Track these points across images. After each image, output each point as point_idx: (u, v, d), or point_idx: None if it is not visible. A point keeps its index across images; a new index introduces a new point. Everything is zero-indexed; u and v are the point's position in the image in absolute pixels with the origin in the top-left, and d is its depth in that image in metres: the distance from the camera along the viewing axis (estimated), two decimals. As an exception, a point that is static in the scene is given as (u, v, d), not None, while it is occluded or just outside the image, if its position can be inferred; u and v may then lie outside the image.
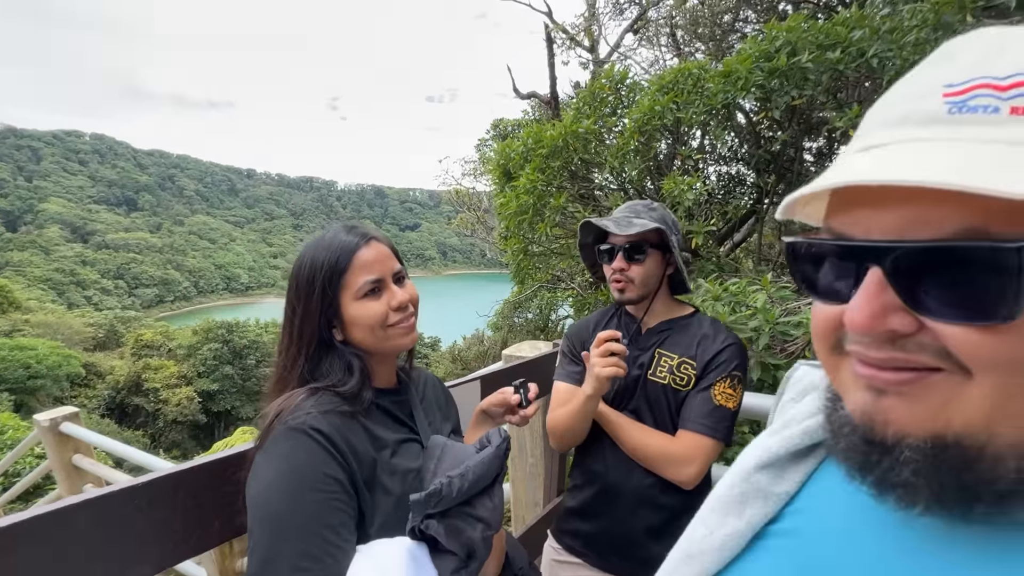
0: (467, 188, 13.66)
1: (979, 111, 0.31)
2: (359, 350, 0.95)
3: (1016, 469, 0.32)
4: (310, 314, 0.90)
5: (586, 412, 1.30)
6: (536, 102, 11.57)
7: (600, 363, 1.22)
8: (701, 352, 1.34)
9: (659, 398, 1.35)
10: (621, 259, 1.35)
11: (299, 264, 0.93)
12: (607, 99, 4.03)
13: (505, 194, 4.08)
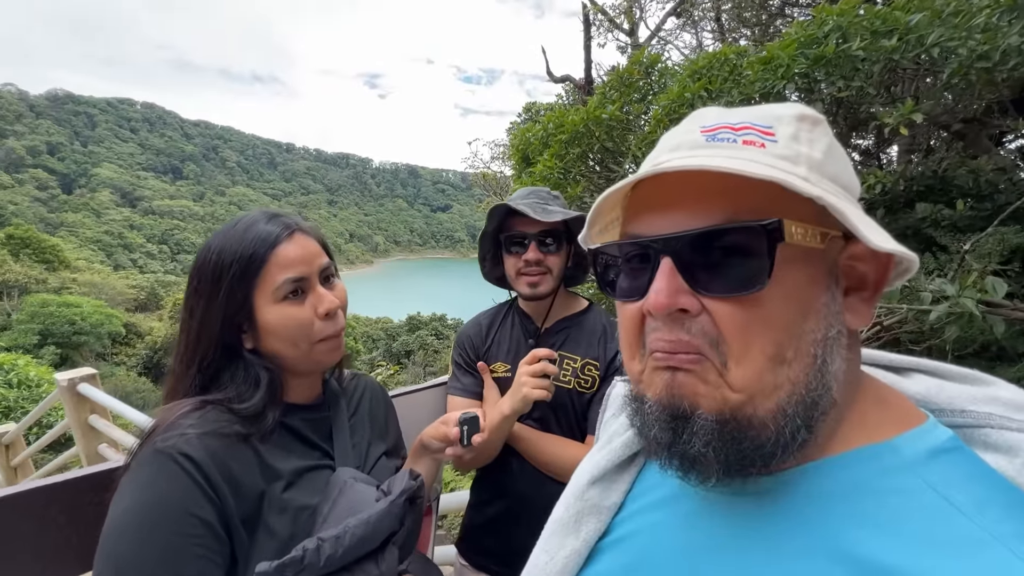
0: (495, 172, 13.50)
1: (724, 141, 0.43)
2: (271, 363, 0.81)
3: (775, 432, 0.40)
4: (212, 316, 0.77)
5: (501, 433, 1.19)
6: (570, 86, 11.25)
7: (531, 383, 1.12)
8: (603, 350, 1.26)
9: (565, 404, 1.25)
10: (535, 249, 1.24)
11: (204, 255, 0.78)
12: (636, 84, 3.79)
13: (522, 180, 3.92)
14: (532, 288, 1.25)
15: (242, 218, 0.81)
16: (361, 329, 33.43)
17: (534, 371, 1.12)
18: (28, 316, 24.52)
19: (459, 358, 1.39)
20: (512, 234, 1.27)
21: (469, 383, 1.35)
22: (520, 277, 1.26)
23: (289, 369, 0.84)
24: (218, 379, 0.79)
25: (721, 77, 3.17)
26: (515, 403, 1.14)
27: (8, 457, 5.34)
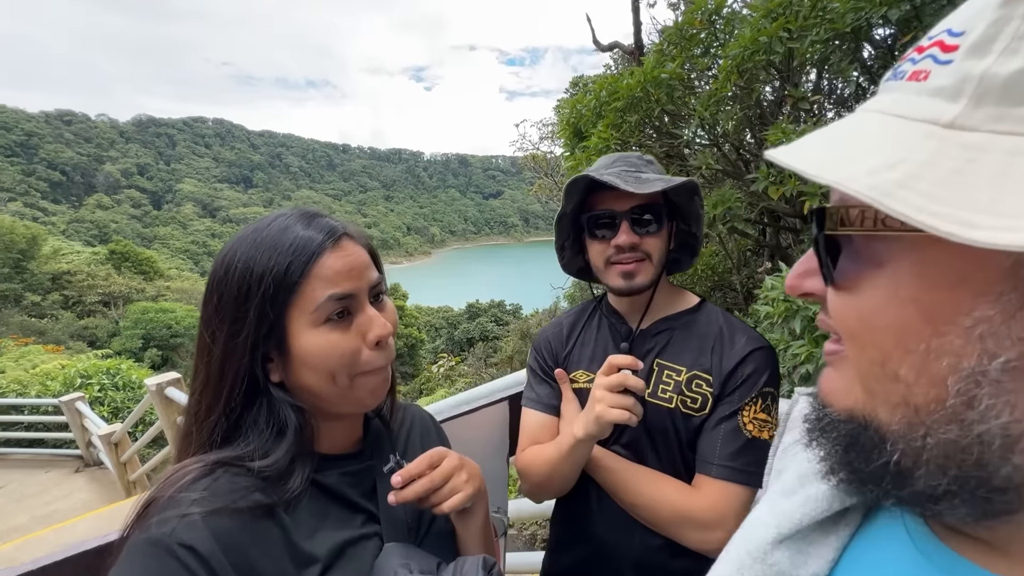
0: (544, 153, 13.13)
1: (891, 79, 0.34)
2: (302, 400, 0.65)
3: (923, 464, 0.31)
4: (238, 344, 0.61)
5: (575, 460, 0.95)
6: (619, 54, 10.62)
7: (608, 400, 0.86)
8: (717, 360, 0.97)
9: (666, 428, 0.97)
10: (628, 230, 0.97)
11: (225, 267, 0.62)
12: (698, 36, 3.37)
13: (575, 156, 3.64)
14: (627, 279, 0.98)
15: (274, 219, 0.64)
16: (424, 319, 34.36)
17: (611, 384, 0.87)
18: (132, 323, 27.37)
19: (535, 363, 1.16)
20: (597, 213, 1.00)
21: (544, 394, 1.11)
22: (610, 267, 1.00)
23: (322, 409, 0.67)
24: (238, 425, 0.63)
25: (802, 14, 2.71)
26: (588, 424, 0.89)
27: (118, 454, 5.86)
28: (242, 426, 0.63)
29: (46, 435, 6.80)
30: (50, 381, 8.07)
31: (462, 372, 7.49)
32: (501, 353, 9.11)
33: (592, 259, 1.04)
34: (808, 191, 2.56)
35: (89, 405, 6.70)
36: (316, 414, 0.66)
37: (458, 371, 7.36)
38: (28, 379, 8.40)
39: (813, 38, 2.72)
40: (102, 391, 7.91)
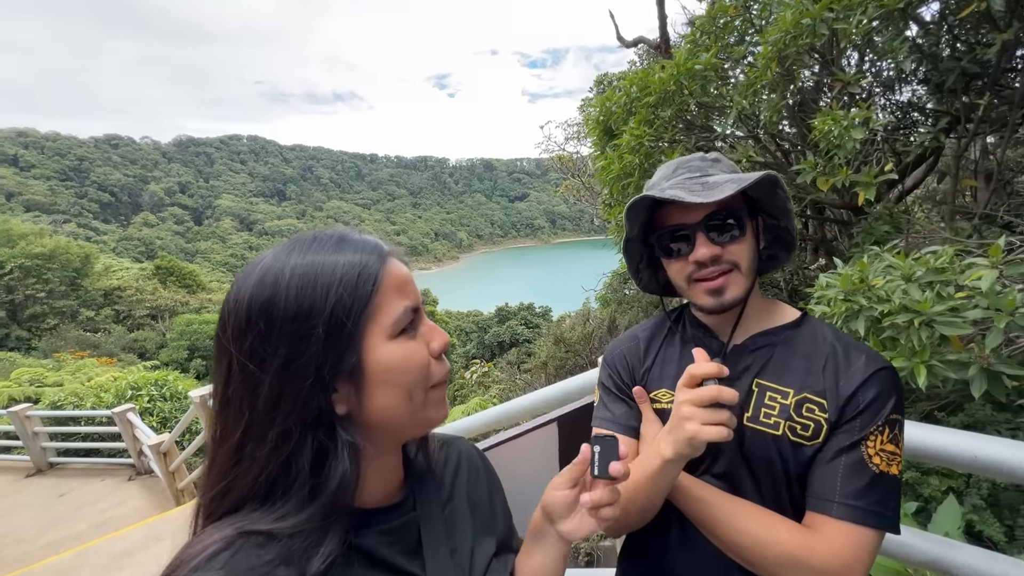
0: (570, 153, 13.00)
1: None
2: (366, 434, 0.57)
3: None
4: (299, 368, 0.52)
5: (661, 485, 0.83)
6: (644, 49, 10.40)
7: (700, 416, 0.74)
8: (832, 382, 0.83)
9: (770, 458, 0.84)
10: (706, 242, 0.85)
11: (271, 287, 0.53)
12: (732, 24, 3.23)
13: (606, 155, 3.54)
14: (716, 296, 0.87)
15: (312, 237, 0.59)
16: (454, 323, 34.57)
17: (701, 398, 0.74)
18: (178, 334, 28.57)
19: (608, 380, 1.04)
20: (667, 230, 0.89)
21: (621, 414, 0.99)
22: (694, 285, 0.89)
23: (385, 439, 0.61)
24: (280, 476, 0.54)
25: (850, -9, 2.54)
26: (676, 444, 0.76)
27: (167, 463, 6.06)
28: (286, 477, 0.53)
29: (101, 445, 7.12)
30: (104, 393, 8.46)
31: (496, 378, 7.46)
32: (535, 358, 9.02)
33: (673, 278, 0.93)
34: (862, 181, 2.39)
35: (140, 416, 6.98)
36: (369, 453, 0.58)
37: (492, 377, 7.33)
38: (84, 391, 8.84)
39: (860, 17, 2.55)
40: (151, 402, 8.23)
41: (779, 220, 0.94)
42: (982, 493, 1.86)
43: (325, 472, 0.53)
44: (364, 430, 0.57)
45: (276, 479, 0.53)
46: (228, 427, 0.54)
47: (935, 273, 1.66)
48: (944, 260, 1.67)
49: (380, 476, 0.63)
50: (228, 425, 0.54)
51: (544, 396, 1.70)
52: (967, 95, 3.11)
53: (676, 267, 0.90)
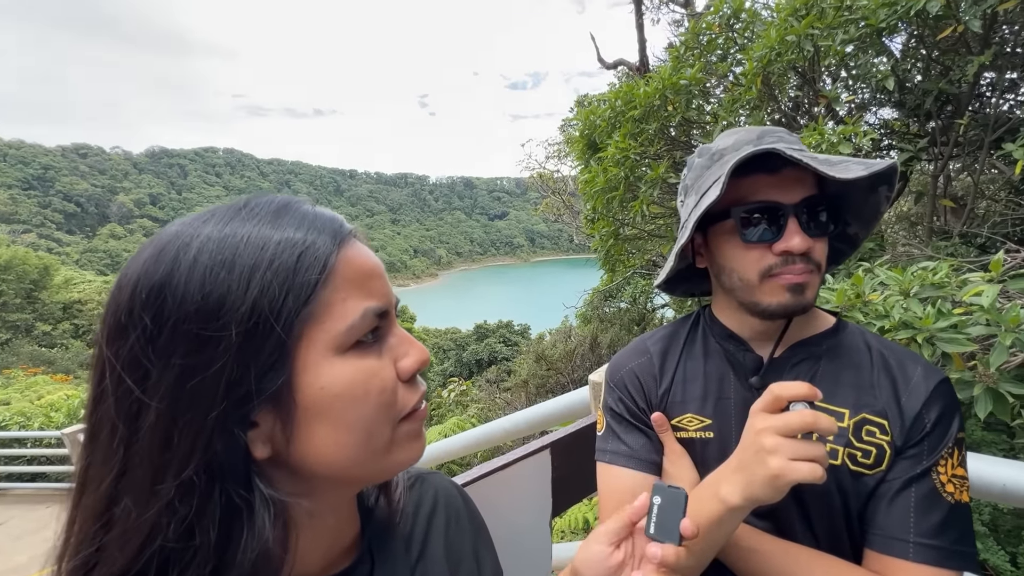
0: (551, 171, 13.10)
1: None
2: (300, 487, 0.41)
3: None
4: (202, 391, 0.35)
5: (716, 539, 0.66)
6: (624, 72, 10.62)
7: (788, 450, 0.58)
8: (891, 398, 0.71)
9: (826, 492, 0.71)
10: (800, 230, 0.69)
11: (166, 269, 0.37)
12: (715, 42, 3.24)
13: (591, 169, 3.48)
14: (797, 295, 0.71)
15: (252, 200, 0.42)
16: (432, 340, 34.09)
17: (790, 426, 0.58)
18: (142, 350, 27.35)
19: (619, 405, 0.86)
20: (755, 205, 0.71)
21: (639, 446, 0.81)
22: (769, 280, 0.72)
23: (330, 491, 0.44)
24: (184, 543, 0.37)
25: (832, 7, 2.57)
26: (751, 486, 0.60)
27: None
28: (182, 552, 0.36)
29: (48, 468, 6.62)
30: (54, 412, 7.92)
31: (474, 397, 7.27)
32: (515, 376, 8.85)
33: (739, 270, 0.75)
34: (849, 196, 2.37)
35: (91, 437, 6.53)
36: (305, 510, 0.41)
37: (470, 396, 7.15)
38: (32, 411, 8.25)
39: (844, 36, 2.57)
40: (106, 422, 7.74)
41: (850, 225, 0.81)
42: (983, 519, 1.79)
43: (237, 543, 0.37)
44: (297, 479, 0.41)
45: (169, 555, 0.36)
46: (94, 470, 0.37)
47: (934, 288, 1.60)
48: (942, 275, 1.63)
49: (322, 538, 0.46)
50: (94, 467, 0.37)
51: (528, 417, 1.57)
52: (941, 118, 3.18)
53: (752, 256, 0.72)
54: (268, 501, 0.37)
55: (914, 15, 2.45)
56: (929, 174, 3.25)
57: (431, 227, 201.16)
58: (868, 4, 2.57)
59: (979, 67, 2.56)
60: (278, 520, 0.38)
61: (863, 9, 2.58)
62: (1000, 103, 3.22)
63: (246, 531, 0.36)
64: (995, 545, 1.74)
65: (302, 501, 0.40)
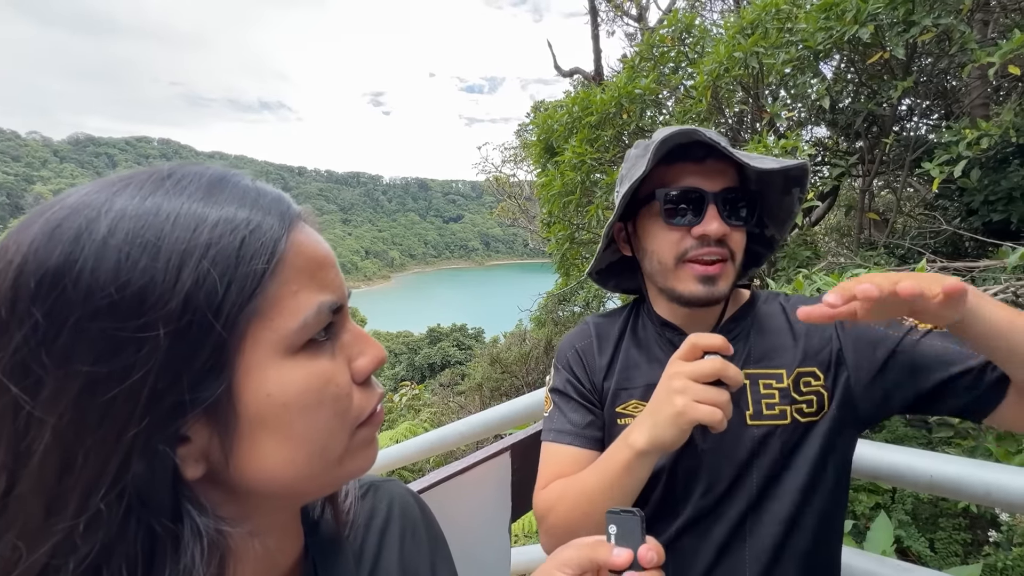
0: (507, 175, 13.16)
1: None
2: (232, 504, 0.35)
3: None
4: (117, 405, 0.28)
5: (629, 485, 0.68)
6: (579, 80, 10.85)
7: (695, 392, 0.61)
8: (808, 342, 0.78)
9: (784, 452, 0.75)
10: (718, 215, 0.74)
11: (53, 263, 0.28)
12: (668, 54, 3.36)
13: (548, 172, 3.51)
14: (708, 285, 0.75)
15: (177, 170, 0.35)
16: (383, 344, 33.18)
17: (702, 371, 0.62)
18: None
19: (564, 385, 0.87)
20: (679, 190, 0.75)
21: (585, 423, 0.83)
22: (683, 266, 0.76)
23: (273, 510, 0.39)
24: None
25: (776, 28, 2.72)
26: (656, 427, 0.63)
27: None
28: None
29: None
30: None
31: (427, 401, 7.15)
32: (469, 380, 8.78)
33: (658, 252, 0.78)
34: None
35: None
36: (241, 533, 0.34)
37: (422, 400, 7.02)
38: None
39: (785, 57, 2.73)
40: None
41: (766, 227, 0.85)
42: (906, 508, 1.93)
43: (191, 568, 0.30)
44: (237, 499, 0.35)
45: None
46: None
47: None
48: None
49: (261, 561, 0.40)
50: None
51: (484, 420, 1.54)
52: (868, 137, 3.44)
53: (672, 238, 0.76)
54: (200, 532, 0.31)
55: (847, 41, 2.64)
56: (858, 189, 3.50)
57: (384, 228, 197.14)
58: (807, 27, 2.74)
59: (902, 91, 2.79)
60: (212, 553, 0.32)
61: (803, 32, 2.74)
62: (919, 126, 3.52)
63: (169, 570, 0.30)
64: (916, 532, 1.89)
65: (241, 526, 0.34)
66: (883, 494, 1.99)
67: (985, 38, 2.71)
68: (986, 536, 1.85)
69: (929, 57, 3.25)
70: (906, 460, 1.01)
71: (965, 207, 3.09)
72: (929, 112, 3.61)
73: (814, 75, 3.14)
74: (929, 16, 2.40)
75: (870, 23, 2.53)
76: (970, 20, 2.56)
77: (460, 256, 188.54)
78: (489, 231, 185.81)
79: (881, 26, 2.70)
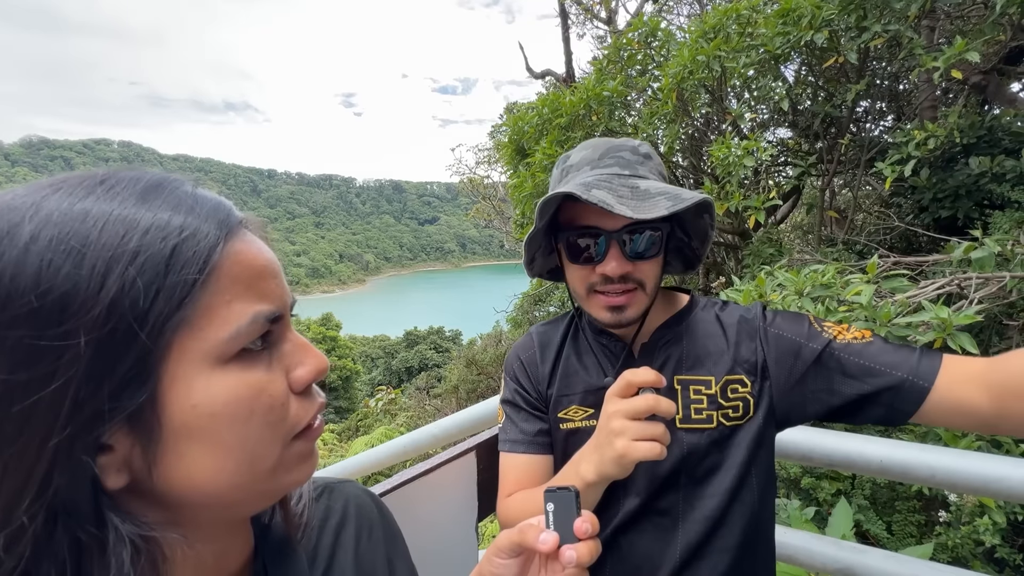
0: (481, 177, 13.15)
1: None
2: (160, 512, 0.34)
3: None
4: (37, 413, 0.28)
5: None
6: (551, 81, 10.93)
7: (633, 431, 0.64)
8: (736, 349, 0.81)
9: (712, 454, 0.79)
10: (620, 256, 0.77)
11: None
12: (635, 57, 3.42)
13: (519, 174, 3.53)
14: (615, 313, 0.79)
15: (112, 175, 0.34)
16: (359, 349, 32.80)
17: (636, 409, 0.64)
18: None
19: (513, 395, 0.91)
20: (579, 230, 0.78)
21: (533, 431, 0.87)
22: (594, 296, 0.80)
23: (208, 520, 0.38)
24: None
25: (737, 33, 2.80)
26: (603, 464, 0.66)
27: None
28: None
29: None
30: None
31: (403, 405, 7.07)
32: (445, 383, 8.73)
33: (571, 283, 0.84)
34: (753, 205, 2.58)
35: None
36: (174, 542, 0.34)
37: (399, 404, 6.94)
38: None
39: (747, 59, 2.81)
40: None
41: (691, 240, 0.88)
42: (865, 493, 2.02)
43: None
44: (164, 509, 0.34)
45: None
46: None
47: (823, 288, 1.79)
48: (829, 277, 1.82)
49: (204, 568, 0.39)
50: None
51: (457, 421, 1.54)
52: (827, 138, 3.58)
53: (579, 273, 0.81)
54: (125, 539, 0.31)
55: (804, 45, 2.74)
56: (818, 188, 3.63)
57: (358, 231, 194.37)
58: (766, 32, 2.83)
59: (856, 94, 2.91)
60: (142, 558, 0.31)
61: (762, 37, 2.83)
62: (873, 128, 3.68)
63: (99, 573, 0.30)
64: (875, 516, 1.97)
65: (171, 532, 0.33)
66: (844, 480, 2.08)
67: (931, 44, 2.85)
68: (937, 517, 1.95)
69: (881, 61, 3.40)
70: (858, 447, 1.06)
71: (917, 204, 3.25)
72: (882, 114, 3.78)
73: (775, 78, 3.25)
74: (879, 22, 2.51)
75: (825, 28, 2.64)
76: (917, 27, 2.69)
77: (436, 258, 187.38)
78: (465, 233, 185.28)
79: (835, 31, 2.82)
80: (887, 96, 3.68)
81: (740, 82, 3.31)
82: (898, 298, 1.81)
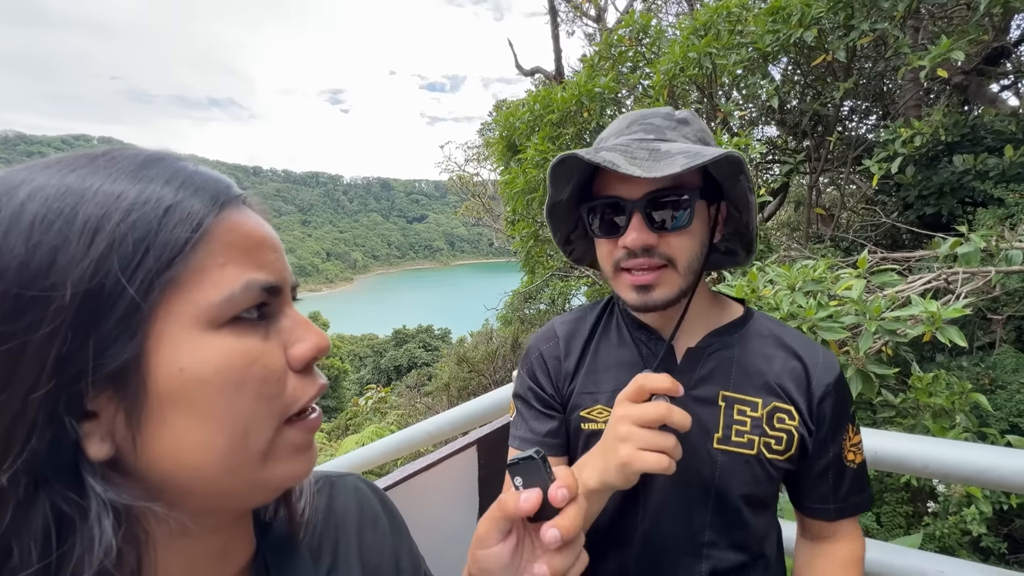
0: (470, 174, 13.11)
1: None
2: (145, 490, 0.32)
3: None
4: (18, 375, 0.27)
5: (582, 520, 0.66)
6: (540, 80, 10.93)
7: (639, 439, 0.58)
8: (795, 387, 0.75)
9: (746, 483, 0.73)
10: (641, 225, 0.68)
11: None
12: (626, 54, 3.43)
13: (511, 170, 3.52)
14: (641, 293, 0.71)
15: (112, 152, 0.34)
16: (347, 348, 32.52)
17: (646, 417, 0.59)
18: None
19: (527, 392, 0.84)
20: (599, 201, 0.72)
21: (546, 431, 0.80)
22: (620, 275, 0.73)
23: (202, 509, 0.35)
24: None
25: (727, 31, 2.82)
26: (607, 473, 0.61)
27: None
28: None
29: None
30: None
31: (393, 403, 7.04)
32: (436, 380, 8.70)
33: (600, 261, 0.77)
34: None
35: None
36: (172, 525, 0.32)
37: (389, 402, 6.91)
38: None
39: (736, 58, 2.83)
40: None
41: (740, 213, 0.77)
42: (855, 485, 2.05)
43: (69, 560, 0.29)
44: (148, 488, 0.32)
45: None
46: None
47: (814, 283, 1.81)
48: (820, 272, 1.84)
49: (201, 563, 0.37)
50: None
51: (452, 418, 1.52)
52: (814, 136, 3.62)
53: (605, 248, 0.74)
54: (107, 505, 0.29)
55: (793, 43, 2.77)
56: (806, 186, 3.68)
57: (345, 229, 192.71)
58: (756, 30, 2.85)
59: (844, 92, 2.95)
60: (124, 530, 0.30)
61: (752, 34, 2.86)
62: (860, 126, 3.73)
63: (79, 545, 0.29)
64: (864, 508, 2.00)
65: (156, 505, 0.32)
66: (834, 473, 2.10)
67: (917, 43, 2.90)
68: (926, 508, 1.98)
69: (868, 60, 3.45)
70: (904, 446, 1.07)
71: (902, 201, 3.30)
72: (868, 113, 3.83)
73: (763, 76, 3.28)
74: (867, 21, 2.54)
75: (814, 27, 2.66)
76: (903, 26, 2.73)
77: (425, 256, 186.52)
78: (454, 231, 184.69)
79: (824, 30, 2.85)
80: (873, 95, 3.73)
81: (730, 80, 3.33)
82: (887, 292, 1.84)
